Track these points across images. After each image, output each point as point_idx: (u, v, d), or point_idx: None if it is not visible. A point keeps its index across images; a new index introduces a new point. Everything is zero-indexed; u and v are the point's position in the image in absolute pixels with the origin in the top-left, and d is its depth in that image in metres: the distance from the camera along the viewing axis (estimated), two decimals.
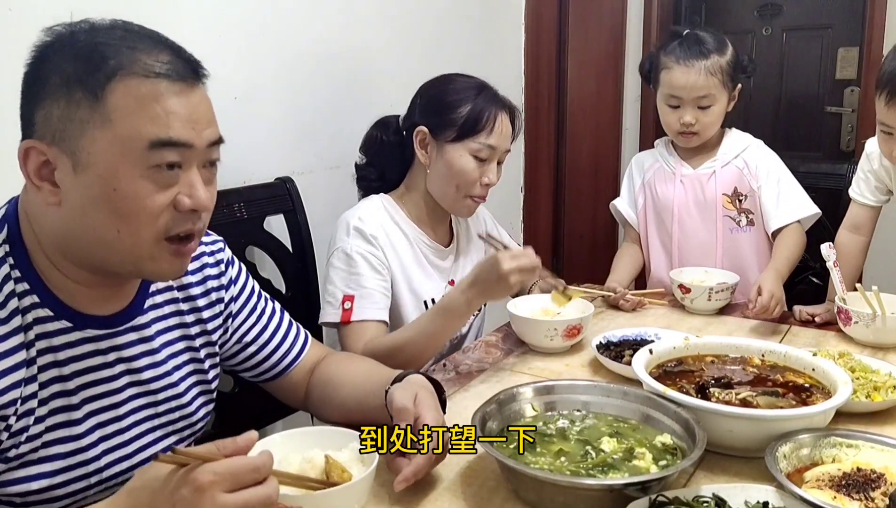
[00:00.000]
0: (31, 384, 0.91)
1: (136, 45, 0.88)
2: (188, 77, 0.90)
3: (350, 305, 1.51)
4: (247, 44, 1.79)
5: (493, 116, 1.58)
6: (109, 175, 0.86)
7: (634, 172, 2.07)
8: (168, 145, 0.87)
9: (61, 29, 0.89)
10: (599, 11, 3.17)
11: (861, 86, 3.06)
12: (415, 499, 1.00)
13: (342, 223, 1.61)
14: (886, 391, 1.24)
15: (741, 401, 1.15)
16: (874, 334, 1.52)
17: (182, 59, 0.91)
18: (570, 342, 1.54)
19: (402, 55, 2.27)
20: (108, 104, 0.85)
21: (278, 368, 1.23)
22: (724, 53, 1.83)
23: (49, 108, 0.86)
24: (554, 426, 1.11)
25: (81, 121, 0.85)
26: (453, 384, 1.39)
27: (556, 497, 0.94)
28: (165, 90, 0.87)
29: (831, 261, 1.65)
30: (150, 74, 0.87)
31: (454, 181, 1.60)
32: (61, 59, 0.86)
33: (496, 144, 1.59)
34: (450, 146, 1.58)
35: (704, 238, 1.96)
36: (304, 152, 1.98)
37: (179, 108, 0.88)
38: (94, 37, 0.87)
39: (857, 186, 1.78)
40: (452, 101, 1.59)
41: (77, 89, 0.85)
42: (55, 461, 0.95)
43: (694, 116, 1.85)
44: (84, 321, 0.96)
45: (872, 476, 0.97)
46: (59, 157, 0.86)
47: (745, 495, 0.94)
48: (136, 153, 0.86)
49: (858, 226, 1.78)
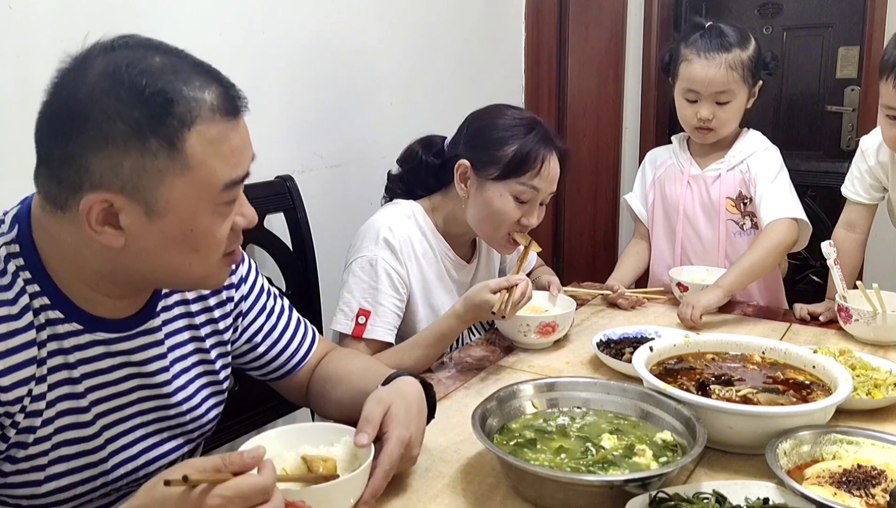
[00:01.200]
0: (40, 385, 0.91)
1: (189, 80, 0.86)
2: (238, 110, 0.91)
3: (364, 320, 1.49)
4: (247, 42, 1.79)
5: (542, 157, 1.49)
6: (188, 218, 0.87)
7: (647, 167, 2.05)
8: (237, 184, 0.91)
9: (90, 56, 0.85)
10: (600, 9, 3.17)
11: (862, 85, 3.05)
12: (415, 496, 1.00)
13: (370, 230, 1.55)
14: (887, 388, 1.23)
15: (742, 398, 1.15)
16: (875, 331, 1.52)
17: (224, 86, 0.90)
18: (547, 338, 1.52)
19: (403, 53, 2.27)
20: (186, 152, 0.85)
21: (287, 367, 1.23)
22: (746, 48, 1.79)
23: (118, 158, 0.83)
24: (554, 423, 1.11)
25: (160, 171, 0.84)
26: (454, 382, 1.39)
27: (557, 493, 0.94)
28: (229, 130, 0.88)
29: (831, 259, 1.65)
30: (215, 117, 0.87)
31: (490, 221, 1.54)
32: (119, 103, 0.82)
33: (541, 187, 1.51)
34: (491, 184, 1.51)
35: (708, 240, 1.94)
36: (304, 151, 1.98)
37: (239, 143, 0.90)
38: (147, 77, 0.84)
39: (852, 185, 1.77)
40: (499, 137, 1.51)
41: (151, 139, 0.83)
42: (63, 462, 0.95)
43: (711, 112, 1.81)
44: (95, 324, 0.95)
45: (873, 473, 0.97)
46: (129, 204, 0.85)
47: (746, 491, 0.93)
48: (213, 194, 0.88)
49: (854, 224, 1.77)
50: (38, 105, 0.86)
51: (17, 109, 1.33)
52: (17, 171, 1.34)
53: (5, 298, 0.88)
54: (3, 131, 1.32)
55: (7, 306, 0.88)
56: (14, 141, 1.34)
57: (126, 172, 0.83)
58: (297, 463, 0.92)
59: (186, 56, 0.90)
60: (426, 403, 1.07)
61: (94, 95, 0.83)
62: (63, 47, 1.35)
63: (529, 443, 1.05)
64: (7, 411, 0.88)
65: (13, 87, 1.33)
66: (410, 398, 1.04)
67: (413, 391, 1.06)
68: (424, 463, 1.06)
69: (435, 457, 1.09)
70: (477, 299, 1.38)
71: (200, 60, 0.91)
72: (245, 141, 0.92)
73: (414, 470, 1.05)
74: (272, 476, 0.79)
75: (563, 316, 1.54)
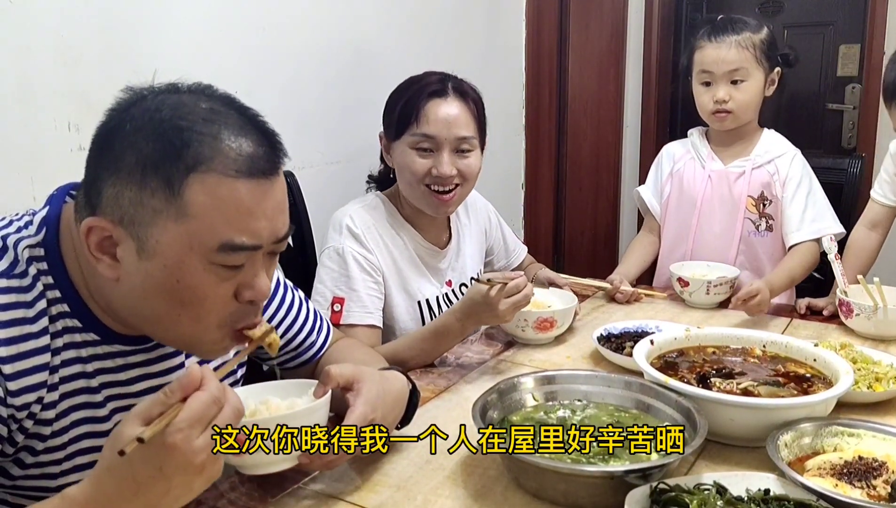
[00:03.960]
0: (52, 392, 0.89)
1: (220, 131, 0.83)
2: (269, 171, 0.85)
3: (340, 307, 1.50)
4: (248, 38, 1.79)
5: (423, 105, 1.53)
6: (175, 266, 0.83)
7: (664, 160, 2.04)
8: (238, 250, 0.84)
9: (146, 92, 0.85)
10: (601, 7, 3.17)
11: (862, 83, 3.05)
12: (416, 488, 1.00)
13: (335, 222, 1.59)
14: (888, 381, 1.23)
15: (742, 391, 1.15)
16: (876, 326, 1.51)
17: (265, 145, 0.86)
18: (545, 334, 1.52)
19: (404, 51, 2.27)
20: (184, 198, 0.81)
21: (303, 357, 1.24)
22: (758, 31, 1.81)
23: (120, 187, 0.82)
24: (555, 416, 1.11)
25: (154, 210, 0.82)
26: (454, 376, 1.39)
27: (558, 484, 0.94)
28: (245, 191, 0.83)
29: (832, 254, 1.65)
30: (229, 172, 0.82)
31: (406, 179, 1.57)
32: (139, 136, 0.82)
33: (434, 132, 1.52)
34: (395, 145, 1.58)
35: (723, 237, 1.92)
36: (304, 148, 1.98)
37: (253, 206, 0.84)
38: (178, 115, 0.82)
39: (880, 187, 1.79)
40: (392, 100, 1.60)
41: (153, 177, 0.81)
42: (79, 472, 0.93)
43: (727, 92, 1.81)
44: (113, 337, 0.94)
45: (874, 465, 0.97)
46: (125, 238, 0.83)
47: (747, 483, 0.93)
48: (205, 250, 0.83)
49: (876, 224, 1.79)
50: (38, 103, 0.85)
51: (17, 109, 1.34)
52: (17, 170, 1.34)
53: (22, 300, 0.86)
54: (3, 131, 1.32)
55: (23, 308, 0.86)
56: (14, 141, 1.34)
57: (126, 203, 0.82)
58: (273, 405, 0.94)
59: (238, 105, 0.87)
60: (407, 404, 1.08)
61: (130, 125, 0.83)
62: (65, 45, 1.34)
63: None
64: (13, 415, 0.86)
65: (13, 86, 1.33)
66: (389, 388, 1.04)
67: (396, 385, 1.07)
68: (425, 455, 1.06)
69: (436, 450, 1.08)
70: (472, 291, 1.38)
71: (254, 113, 0.88)
72: (262, 207, 0.85)
73: (414, 462, 1.05)
74: (214, 380, 0.77)
75: (562, 312, 1.54)
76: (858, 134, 3.06)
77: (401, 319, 1.60)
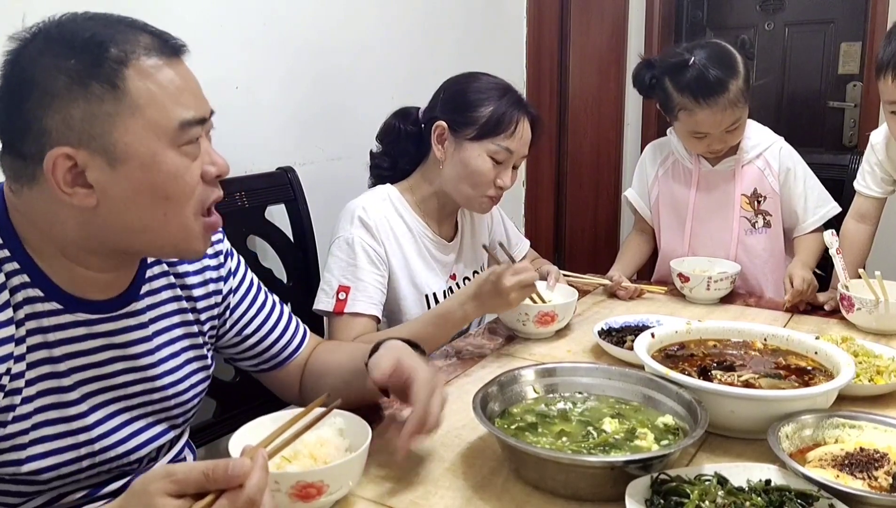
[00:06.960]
0: (19, 363, 0.90)
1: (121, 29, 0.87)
2: (181, 49, 0.91)
3: (345, 296, 1.51)
4: (249, 34, 1.79)
5: (516, 119, 1.56)
6: (150, 161, 0.86)
7: (648, 162, 2.01)
8: (194, 124, 0.89)
9: (28, 34, 0.86)
10: (601, 5, 3.17)
11: (863, 81, 3.04)
12: (416, 479, 1.00)
13: (347, 212, 1.60)
14: (889, 374, 1.23)
15: (743, 383, 1.14)
16: (877, 320, 1.51)
17: (157, 33, 0.90)
18: (546, 328, 1.52)
19: (404, 47, 2.27)
20: (131, 92, 0.84)
21: (277, 359, 1.23)
22: (737, 74, 1.70)
23: (64, 112, 0.83)
24: (555, 408, 1.11)
25: (108, 114, 0.84)
26: (454, 369, 1.39)
27: (558, 475, 0.94)
28: (174, 72, 0.88)
29: (834, 248, 1.65)
30: (153, 57, 0.87)
31: (468, 180, 1.58)
32: (54, 57, 0.84)
33: (515, 149, 1.57)
34: (468, 144, 1.56)
35: (719, 238, 1.91)
36: (305, 143, 1.98)
37: (187, 84, 0.90)
38: (77, 30, 0.85)
39: (863, 179, 1.78)
40: (475, 99, 1.57)
41: (92, 83, 0.83)
42: (46, 442, 0.93)
43: (723, 142, 1.79)
44: (76, 305, 0.94)
45: (876, 456, 0.97)
46: (91, 157, 0.84)
47: (748, 474, 0.93)
48: (170, 134, 0.87)
49: (864, 216, 1.78)
50: None
51: None
52: None
53: None
54: None
55: None
56: None
57: (77, 122, 0.84)
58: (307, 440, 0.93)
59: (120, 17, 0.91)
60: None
61: (34, 58, 0.84)
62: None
63: (531, 427, 1.05)
64: None
65: None
66: (408, 351, 1.07)
67: (405, 347, 1.09)
68: (425, 448, 1.06)
69: (436, 442, 1.08)
70: (482, 276, 1.38)
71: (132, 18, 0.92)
72: (191, 82, 0.91)
73: (414, 454, 1.05)
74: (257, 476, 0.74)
75: (563, 306, 1.54)
76: (859, 131, 3.06)
77: (408, 312, 1.60)
